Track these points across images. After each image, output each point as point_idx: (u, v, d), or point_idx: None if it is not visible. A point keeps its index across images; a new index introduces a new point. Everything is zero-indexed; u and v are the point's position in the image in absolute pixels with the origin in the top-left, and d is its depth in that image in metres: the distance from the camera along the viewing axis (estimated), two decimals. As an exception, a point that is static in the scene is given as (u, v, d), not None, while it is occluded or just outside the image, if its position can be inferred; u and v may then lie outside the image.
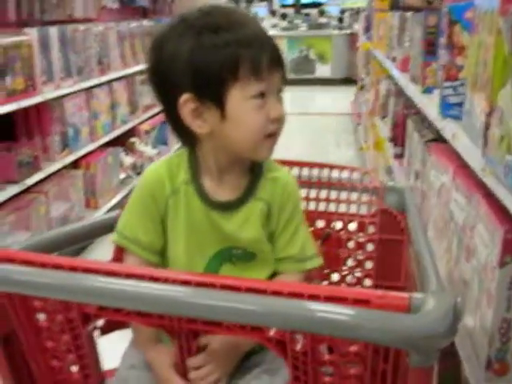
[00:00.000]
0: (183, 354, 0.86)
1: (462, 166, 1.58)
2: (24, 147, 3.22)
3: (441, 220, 1.79)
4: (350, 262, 1.41)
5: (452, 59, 1.69)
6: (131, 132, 4.71)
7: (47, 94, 3.32)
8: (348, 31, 10.99)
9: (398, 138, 3.01)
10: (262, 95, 1.07)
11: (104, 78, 4.15)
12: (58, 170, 3.48)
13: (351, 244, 1.41)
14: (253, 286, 0.75)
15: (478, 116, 1.34)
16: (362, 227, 1.39)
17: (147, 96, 5.15)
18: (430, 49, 2.19)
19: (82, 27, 3.93)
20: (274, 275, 1.20)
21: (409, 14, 2.91)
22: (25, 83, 3.12)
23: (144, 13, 6.35)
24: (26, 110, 3.30)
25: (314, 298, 0.73)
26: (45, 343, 0.92)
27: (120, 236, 1.19)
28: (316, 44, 11.13)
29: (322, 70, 11.17)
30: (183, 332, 0.82)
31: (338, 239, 1.42)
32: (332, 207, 1.45)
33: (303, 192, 1.43)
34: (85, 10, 4.39)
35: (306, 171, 1.45)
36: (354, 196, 1.42)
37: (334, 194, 1.44)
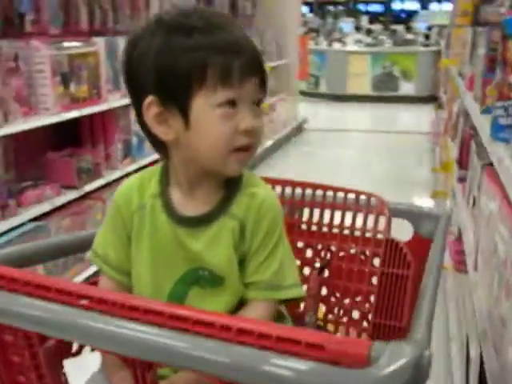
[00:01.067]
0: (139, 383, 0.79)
1: (507, 196, 1.43)
2: (86, 154, 3.29)
3: (486, 252, 1.64)
4: (349, 295, 1.29)
5: (504, 77, 1.55)
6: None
7: (112, 102, 3.38)
8: (434, 48, 10.67)
9: (463, 160, 2.84)
10: (231, 104, 0.98)
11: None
12: (120, 178, 3.52)
13: (351, 275, 1.29)
14: (202, 318, 0.67)
15: (520, 140, 1.21)
16: (363, 257, 1.27)
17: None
18: (492, 66, 2.03)
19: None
20: (241, 303, 1.08)
21: (479, 29, 2.75)
22: (89, 91, 3.18)
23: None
24: (91, 118, 3.37)
25: (264, 337, 0.65)
26: (10, 358, 0.88)
27: (93, 254, 1.14)
28: (400, 61, 10.87)
29: (406, 88, 10.89)
30: (137, 362, 0.75)
31: (338, 269, 1.30)
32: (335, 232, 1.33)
33: (306, 214, 1.32)
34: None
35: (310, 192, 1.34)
36: (359, 223, 1.30)
37: (337, 219, 1.33)
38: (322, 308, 1.29)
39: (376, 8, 15.71)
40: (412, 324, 0.77)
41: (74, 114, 3.03)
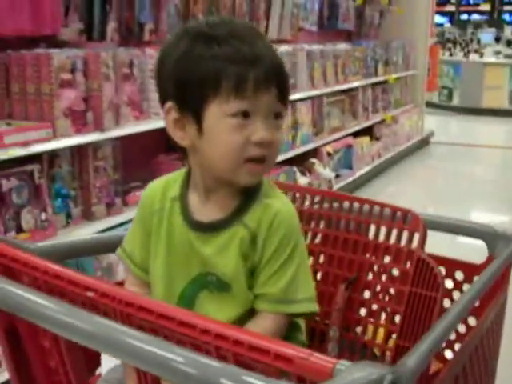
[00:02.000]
0: (141, 380, 0.81)
1: None
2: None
3: None
4: (374, 313, 1.21)
5: None
6: (313, 153, 4.73)
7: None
8: None
9: None
10: (244, 115, 0.99)
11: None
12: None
13: (380, 294, 1.21)
14: (184, 319, 0.68)
15: None
16: (394, 275, 1.19)
17: (336, 118, 5.15)
18: None
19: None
20: (253, 312, 1.06)
21: None
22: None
23: (349, 36, 6.38)
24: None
25: (238, 344, 0.64)
26: (42, 342, 0.94)
27: (121, 250, 1.18)
28: (543, 73, 10.18)
29: (548, 103, 10.18)
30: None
31: (366, 285, 1.23)
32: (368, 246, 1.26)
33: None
34: (280, 31, 4.53)
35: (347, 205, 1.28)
36: (392, 237, 1.22)
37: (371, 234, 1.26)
38: (381, 332, 1.23)
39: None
40: (413, 347, 0.72)
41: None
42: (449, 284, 1.44)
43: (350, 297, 1.21)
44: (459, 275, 1.40)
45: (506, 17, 16.79)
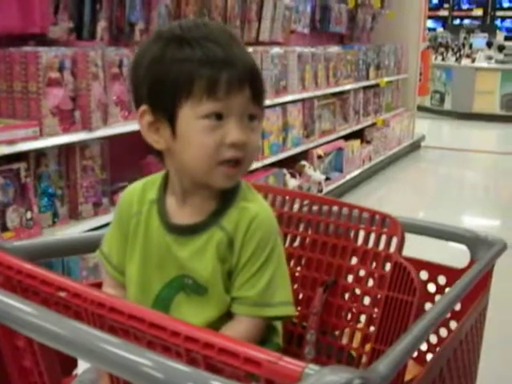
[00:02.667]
0: (113, 381, 0.80)
1: None
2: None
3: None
4: (352, 316, 1.21)
5: None
6: (303, 155, 4.73)
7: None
8: None
9: None
10: (217, 116, 0.99)
11: (277, 100, 4.22)
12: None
13: (356, 296, 1.21)
14: (155, 320, 0.67)
15: None
16: (371, 279, 1.19)
17: (326, 121, 5.15)
18: None
19: (259, 49, 4.05)
20: (229, 315, 1.06)
21: None
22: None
23: (341, 39, 6.39)
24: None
25: (208, 346, 0.63)
26: (16, 342, 0.93)
27: (99, 250, 1.18)
28: (534, 79, 10.23)
29: (541, 109, 10.22)
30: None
31: (343, 288, 1.22)
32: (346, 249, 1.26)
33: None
34: (271, 33, 4.53)
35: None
36: (371, 242, 1.22)
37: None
38: (358, 336, 1.23)
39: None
40: (385, 352, 0.71)
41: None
42: (431, 288, 1.45)
43: (327, 300, 1.21)
44: (442, 279, 1.41)
45: (498, 22, 16.86)
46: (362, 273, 1.20)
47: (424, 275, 1.42)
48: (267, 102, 4.13)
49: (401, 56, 7.01)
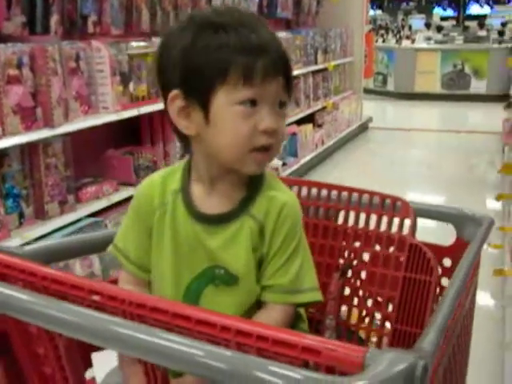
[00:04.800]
0: (150, 379, 0.80)
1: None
2: (145, 151, 3.36)
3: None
4: (370, 301, 1.25)
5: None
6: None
7: (171, 101, 3.43)
8: (509, 45, 10.28)
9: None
10: (251, 103, 0.98)
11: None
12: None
13: (373, 279, 1.25)
14: (203, 318, 0.68)
15: None
16: (387, 262, 1.23)
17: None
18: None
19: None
20: (259, 305, 1.07)
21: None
22: (148, 90, 3.25)
23: (287, 24, 6.42)
24: (150, 116, 3.44)
25: (261, 339, 0.64)
26: (36, 349, 0.91)
27: (114, 247, 1.16)
28: (472, 58, 10.53)
29: (477, 86, 10.55)
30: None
31: (360, 272, 1.26)
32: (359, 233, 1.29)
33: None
34: (222, 21, 4.51)
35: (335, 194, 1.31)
36: (383, 225, 1.26)
37: (361, 222, 1.30)
38: (355, 312, 1.27)
39: (447, 13, 15.31)
40: (423, 332, 0.74)
41: (132, 112, 3.10)
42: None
43: (343, 285, 1.24)
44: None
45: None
46: (377, 256, 1.22)
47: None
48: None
49: (346, 39, 7.09)
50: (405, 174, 6.08)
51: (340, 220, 1.31)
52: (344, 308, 1.26)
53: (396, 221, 1.23)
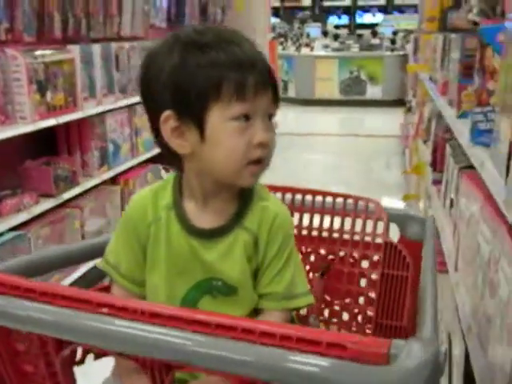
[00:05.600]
0: (157, 389, 0.81)
1: (490, 197, 1.49)
2: (63, 162, 3.27)
3: (468, 252, 1.70)
4: (351, 297, 1.33)
5: (483, 83, 1.61)
6: (173, 149, 4.74)
7: (88, 110, 3.37)
8: (400, 52, 10.85)
9: (438, 163, 2.91)
10: (245, 118, 1.02)
11: (147, 96, 4.19)
12: (96, 186, 3.52)
13: (352, 278, 1.33)
14: (223, 322, 0.70)
15: (503, 143, 1.26)
16: (365, 260, 1.31)
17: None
18: (467, 72, 2.10)
19: (127, 45, 3.99)
20: (256, 312, 1.12)
21: (452, 35, 2.83)
22: (65, 99, 3.17)
23: (194, 32, 6.45)
24: (67, 126, 3.36)
25: (286, 339, 0.68)
26: (22, 366, 0.89)
27: (105, 262, 1.16)
28: (367, 65, 11.02)
29: (373, 92, 11.04)
30: (155, 366, 0.77)
31: (339, 273, 1.34)
32: (335, 237, 1.37)
33: (306, 219, 1.36)
34: (132, 28, 4.46)
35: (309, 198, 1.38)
36: (358, 226, 1.34)
37: (337, 223, 1.37)
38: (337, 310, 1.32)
39: (340, 21, 15.89)
40: (418, 323, 0.80)
41: (50, 122, 3.02)
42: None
43: (325, 285, 1.29)
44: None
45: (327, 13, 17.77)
46: (355, 255, 1.29)
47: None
48: (138, 98, 4.08)
49: (251, 47, 7.20)
50: (311, 177, 6.27)
51: (316, 223, 1.37)
52: (325, 307, 1.32)
53: (369, 221, 1.31)
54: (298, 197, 1.36)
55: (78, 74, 3.28)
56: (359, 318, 1.30)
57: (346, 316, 1.33)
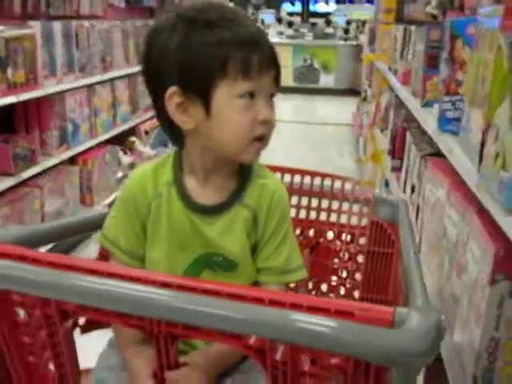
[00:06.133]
0: (161, 358, 0.84)
1: (458, 182, 1.57)
2: (22, 140, 3.21)
3: (434, 235, 1.78)
4: (339, 273, 1.39)
5: (452, 74, 1.68)
6: (131, 131, 4.71)
7: (48, 88, 3.31)
8: (353, 42, 11.00)
9: (397, 150, 3.00)
10: (250, 96, 1.04)
11: (106, 76, 4.15)
12: (55, 165, 3.47)
13: (340, 255, 1.39)
14: (233, 291, 0.73)
15: (474, 132, 1.33)
16: (352, 238, 1.38)
17: (149, 96, 5.15)
18: (432, 63, 2.18)
19: (86, 24, 3.93)
20: (254, 286, 1.16)
21: (413, 27, 2.91)
22: (26, 76, 3.11)
23: (151, 13, 6.37)
24: (25, 103, 3.29)
25: (295, 307, 0.71)
26: (21, 338, 0.91)
27: (103, 237, 1.17)
28: (321, 54, 11.14)
29: (326, 80, 11.18)
30: (161, 335, 0.80)
31: (327, 249, 1.40)
32: (323, 217, 1.43)
33: (294, 199, 1.41)
34: (91, 7, 4.38)
35: (298, 179, 1.43)
36: (346, 206, 1.40)
37: (325, 204, 1.43)
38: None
39: (294, 8, 15.90)
40: (409, 295, 0.86)
41: (11, 99, 2.95)
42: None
43: (313, 261, 1.33)
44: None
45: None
46: (343, 233, 1.33)
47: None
48: (97, 78, 4.05)
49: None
50: (263, 162, 6.32)
51: (304, 202, 1.41)
52: (315, 280, 1.37)
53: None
54: (287, 178, 1.41)
55: (38, 50, 3.22)
56: (343, 291, 1.35)
57: (335, 289, 1.38)
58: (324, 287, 1.40)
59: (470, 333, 1.31)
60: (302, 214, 1.45)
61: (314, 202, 1.44)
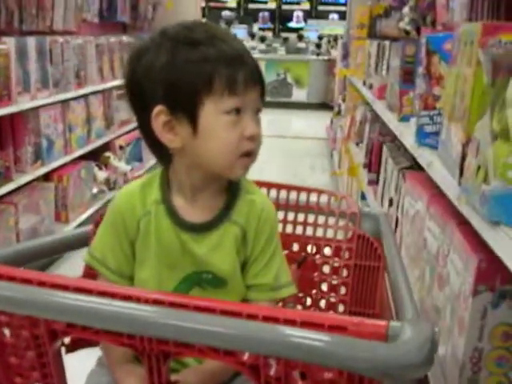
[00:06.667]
0: (153, 376, 0.83)
1: (437, 195, 1.59)
2: (-5, 157, 3.17)
3: (414, 248, 1.80)
4: (325, 287, 1.40)
5: (429, 89, 1.71)
6: (106, 147, 4.68)
7: (22, 104, 3.28)
8: (325, 57, 11.12)
9: (373, 164, 3.03)
10: (236, 112, 1.04)
11: (81, 91, 4.12)
12: (29, 182, 3.43)
13: (327, 269, 1.40)
14: (227, 308, 0.73)
15: (454, 146, 1.35)
16: (338, 252, 1.38)
17: (123, 111, 5.12)
18: (407, 78, 2.22)
19: (60, 39, 3.91)
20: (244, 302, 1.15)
21: (387, 42, 2.96)
22: (-1, 92, 3.07)
23: (124, 28, 6.37)
24: (-1, 120, 3.26)
25: (289, 322, 0.71)
26: (8, 359, 0.89)
27: (90, 256, 1.16)
28: (293, 68, 11.23)
29: (299, 95, 11.26)
30: (153, 353, 0.80)
31: (313, 263, 1.40)
32: (309, 231, 1.44)
33: (280, 214, 1.42)
34: (65, 23, 4.37)
35: (283, 194, 1.44)
36: (331, 221, 1.41)
37: (311, 218, 1.44)
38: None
39: (267, 24, 16.02)
40: (398, 308, 0.87)
41: (-15, 115, 2.92)
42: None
43: (300, 275, 1.34)
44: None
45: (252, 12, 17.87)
46: (330, 248, 1.34)
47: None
48: (72, 93, 4.02)
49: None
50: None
51: (290, 217, 1.42)
52: (301, 295, 1.37)
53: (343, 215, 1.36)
54: (273, 193, 1.41)
55: (12, 66, 3.18)
56: (330, 305, 1.36)
57: (322, 303, 1.39)
58: (310, 301, 1.40)
59: (453, 344, 1.33)
60: (289, 229, 1.46)
61: (300, 217, 1.44)
